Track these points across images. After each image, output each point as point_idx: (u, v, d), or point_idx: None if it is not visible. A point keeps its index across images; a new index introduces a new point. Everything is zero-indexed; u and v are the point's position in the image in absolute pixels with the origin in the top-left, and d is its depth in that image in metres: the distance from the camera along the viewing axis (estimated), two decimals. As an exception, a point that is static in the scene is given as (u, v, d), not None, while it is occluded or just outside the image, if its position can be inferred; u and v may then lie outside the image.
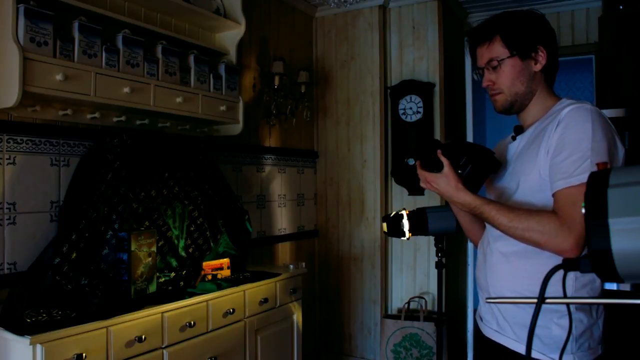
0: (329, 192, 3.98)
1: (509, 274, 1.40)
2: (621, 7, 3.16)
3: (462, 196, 1.37)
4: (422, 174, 1.46)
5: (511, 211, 1.29)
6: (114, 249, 2.17)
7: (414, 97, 3.67)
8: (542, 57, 1.40)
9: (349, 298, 3.86)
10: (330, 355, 3.93)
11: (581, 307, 1.33)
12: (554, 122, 1.32)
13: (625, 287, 2.90)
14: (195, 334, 2.18)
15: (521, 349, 1.37)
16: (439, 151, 1.42)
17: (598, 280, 1.34)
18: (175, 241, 2.62)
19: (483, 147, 1.49)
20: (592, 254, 0.73)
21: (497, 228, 1.33)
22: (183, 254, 2.65)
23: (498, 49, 1.40)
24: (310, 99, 3.88)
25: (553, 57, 1.42)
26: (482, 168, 1.43)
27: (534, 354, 1.33)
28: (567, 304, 1.14)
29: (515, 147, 1.48)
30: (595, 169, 1.16)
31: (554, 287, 0.99)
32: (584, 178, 1.18)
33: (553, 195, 1.27)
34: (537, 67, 1.40)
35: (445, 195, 1.42)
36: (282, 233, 3.66)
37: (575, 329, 1.31)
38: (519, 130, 1.50)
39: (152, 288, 2.19)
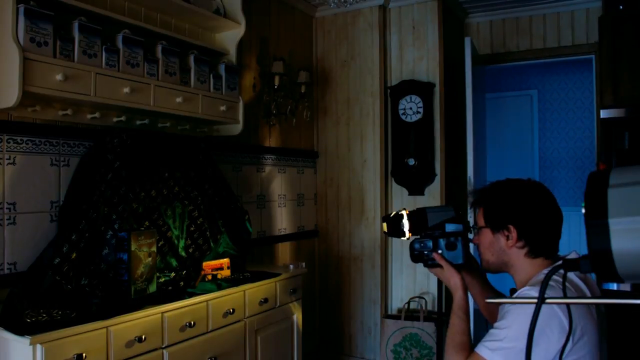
0: (329, 192, 3.98)
1: None
2: (621, 7, 3.16)
3: (456, 295, 1.54)
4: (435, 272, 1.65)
5: (451, 333, 1.48)
6: (114, 249, 2.17)
7: (414, 97, 3.66)
8: (512, 236, 1.45)
9: (349, 298, 3.86)
10: (330, 355, 3.93)
11: None
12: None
13: (626, 287, 2.90)
14: (195, 334, 2.18)
15: None
16: (435, 254, 1.61)
17: None
18: (175, 241, 2.62)
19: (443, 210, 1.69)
20: (592, 254, 0.73)
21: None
22: (183, 254, 2.65)
23: (480, 218, 1.53)
24: (310, 99, 3.88)
25: (530, 233, 1.44)
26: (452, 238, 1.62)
27: None
28: (567, 304, 1.14)
29: None
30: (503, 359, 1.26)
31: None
32: (485, 352, 1.31)
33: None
34: (509, 244, 1.46)
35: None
36: (282, 233, 3.66)
37: None
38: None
39: (152, 288, 2.19)
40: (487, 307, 1.74)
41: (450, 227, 1.64)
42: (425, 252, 1.65)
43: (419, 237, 1.70)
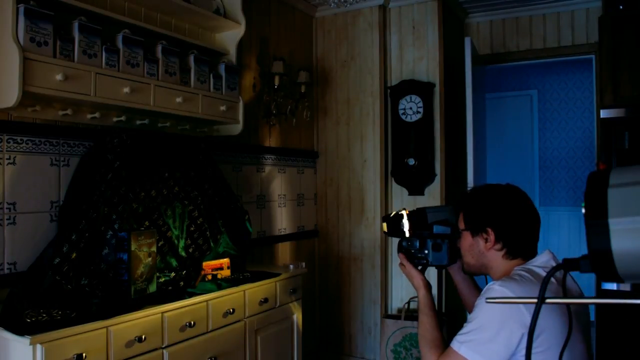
0: (329, 192, 3.98)
1: None
2: (621, 7, 3.16)
3: (419, 294, 1.72)
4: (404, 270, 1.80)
5: (421, 331, 1.58)
6: (114, 249, 2.17)
7: (414, 97, 3.66)
8: (490, 239, 1.50)
9: (349, 298, 3.86)
10: (330, 355, 3.93)
11: None
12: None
13: (626, 287, 2.90)
14: (195, 334, 2.18)
15: None
16: (400, 255, 1.75)
17: None
18: (175, 241, 2.62)
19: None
20: (592, 254, 0.73)
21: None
22: (183, 254, 2.65)
23: (461, 222, 1.60)
24: (310, 99, 3.88)
25: (507, 235, 1.49)
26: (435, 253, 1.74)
27: None
28: (567, 304, 1.14)
29: None
30: (469, 350, 1.32)
31: None
32: (456, 345, 1.37)
33: None
34: (487, 247, 1.51)
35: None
36: (282, 233, 3.66)
37: None
38: None
39: (152, 288, 2.19)
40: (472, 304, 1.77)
41: (438, 229, 1.71)
42: (412, 251, 1.76)
43: (408, 236, 1.79)
